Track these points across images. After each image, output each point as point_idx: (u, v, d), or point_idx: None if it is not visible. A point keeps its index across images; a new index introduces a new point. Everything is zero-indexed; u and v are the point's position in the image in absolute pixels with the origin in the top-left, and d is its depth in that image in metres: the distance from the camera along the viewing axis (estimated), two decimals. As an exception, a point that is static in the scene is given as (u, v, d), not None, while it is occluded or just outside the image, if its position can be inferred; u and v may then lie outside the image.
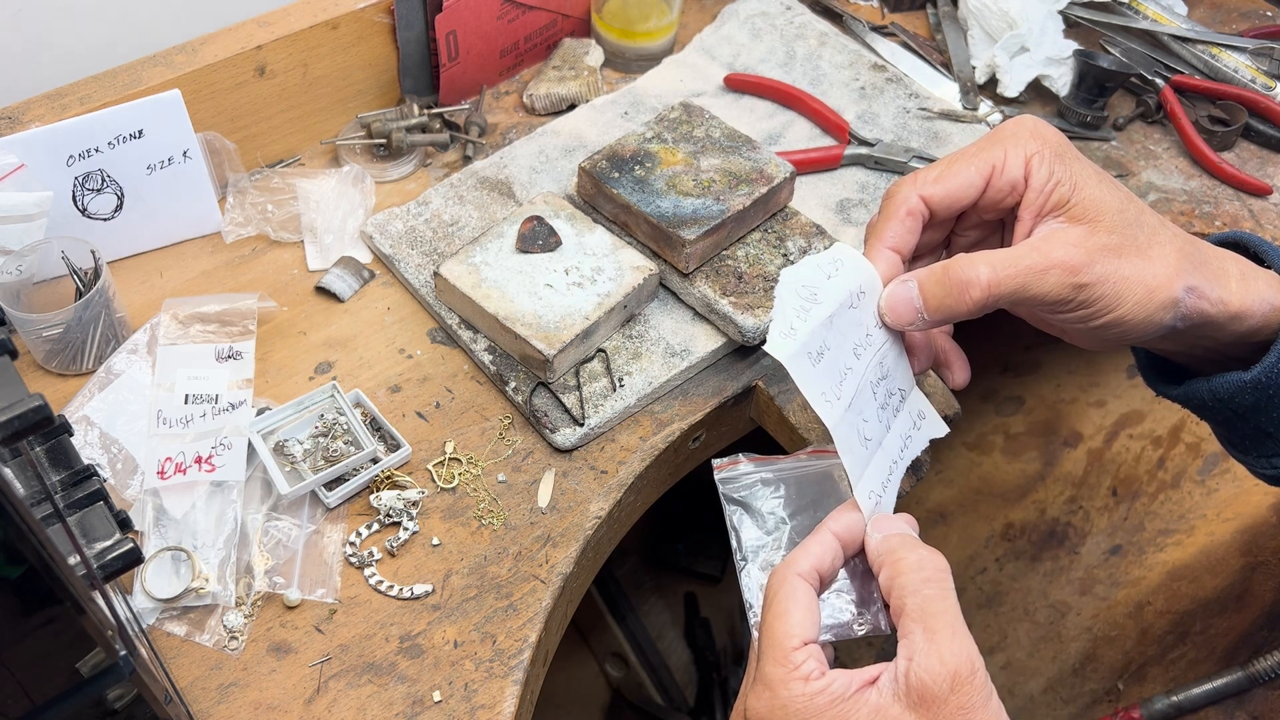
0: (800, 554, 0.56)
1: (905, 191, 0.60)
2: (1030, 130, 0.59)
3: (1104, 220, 0.57)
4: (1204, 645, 1.07)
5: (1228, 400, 0.62)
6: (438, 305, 0.86)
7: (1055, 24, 1.05)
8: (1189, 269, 0.58)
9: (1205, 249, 0.60)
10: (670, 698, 1.36)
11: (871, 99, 1.03)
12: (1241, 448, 0.67)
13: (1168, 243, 0.58)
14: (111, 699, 0.52)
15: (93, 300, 0.79)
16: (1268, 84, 1.05)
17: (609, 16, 1.06)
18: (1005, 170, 0.59)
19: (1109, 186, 0.58)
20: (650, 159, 0.88)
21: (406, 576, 0.74)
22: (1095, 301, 0.57)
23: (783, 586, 0.55)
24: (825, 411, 0.56)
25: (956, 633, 0.51)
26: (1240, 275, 0.60)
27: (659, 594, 1.43)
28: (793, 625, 0.53)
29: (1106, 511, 1.24)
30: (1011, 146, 0.59)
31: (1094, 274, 0.56)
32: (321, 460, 0.77)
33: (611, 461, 0.80)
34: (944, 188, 0.59)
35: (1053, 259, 0.56)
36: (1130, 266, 0.56)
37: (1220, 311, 0.59)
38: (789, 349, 0.55)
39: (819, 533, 0.57)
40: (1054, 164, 0.58)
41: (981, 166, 0.59)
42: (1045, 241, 0.57)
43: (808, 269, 0.58)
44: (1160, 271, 0.57)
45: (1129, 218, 0.57)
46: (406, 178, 0.97)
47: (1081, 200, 0.57)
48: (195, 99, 0.88)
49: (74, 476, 0.50)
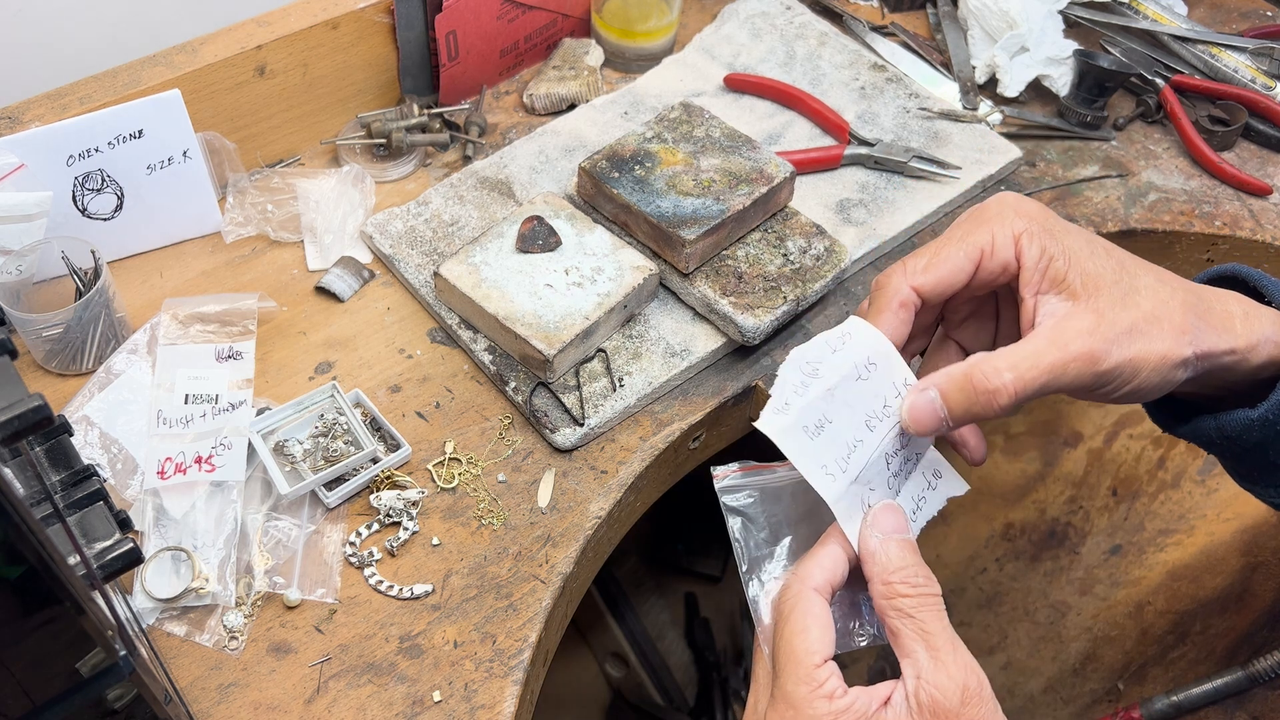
0: (813, 567, 0.55)
1: (896, 283, 0.59)
2: (1014, 208, 0.59)
3: (1103, 292, 0.57)
4: (1204, 645, 1.07)
5: (1235, 438, 0.62)
6: (438, 305, 0.86)
7: (1055, 24, 1.05)
8: (1195, 323, 0.58)
9: (1206, 296, 0.60)
10: (670, 698, 1.36)
11: (871, 99, 1.03)
12: (1250, 478, 0.67)
13: (1169, 299, 0.58)
14: (111, 699, 0.52)
15: (93, 300, 0.79)
16: (1268, 84, 1.05)
17: (609, 16, 1.06)
18: (995, 253, 0.58)
19: (1101, 254, 0.58)
20: (650, 159, 0.88)
21: (406, 576, 0.74)
22: (1114, 379, 0.57)
23: (800, 602, 0.54)
24: (825, 486, 0.56)
25: (957, 648, 0.52)
26: (1244, 315, 0.60)
27: (659, 594, 1.44)
28: (813, 642, 0.53)
29: (1106, 511, 1.24)
30: (998, 227, 0.58)
31: (1113, 360, 0.56)
32: (321, 460, 0.77)
33: (611, 461, 0.80)
34: (934, 276, 0.59)
35: (1072, 352, 0.55)
36: (1144, 342, 0.56)
37: (1229, 358, 0.59)
38: (778, 425, 0.55)
39: (828, 544, 0.57)
40: (1044, 240, 0.58)
41: (970, 251, 0.59)
42: (1060, 333, 0.56)
43: (814, 346, 0.58)
44: (1169, 335, 0.57)
45: (1125, 284, 0.57)
46: (406, 178, 0.97)
47: (1079, 275, 0.57)
48: (195, 99, 0.88)
49: (74, 476, 0.50)
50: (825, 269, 0.85)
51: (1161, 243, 0.98)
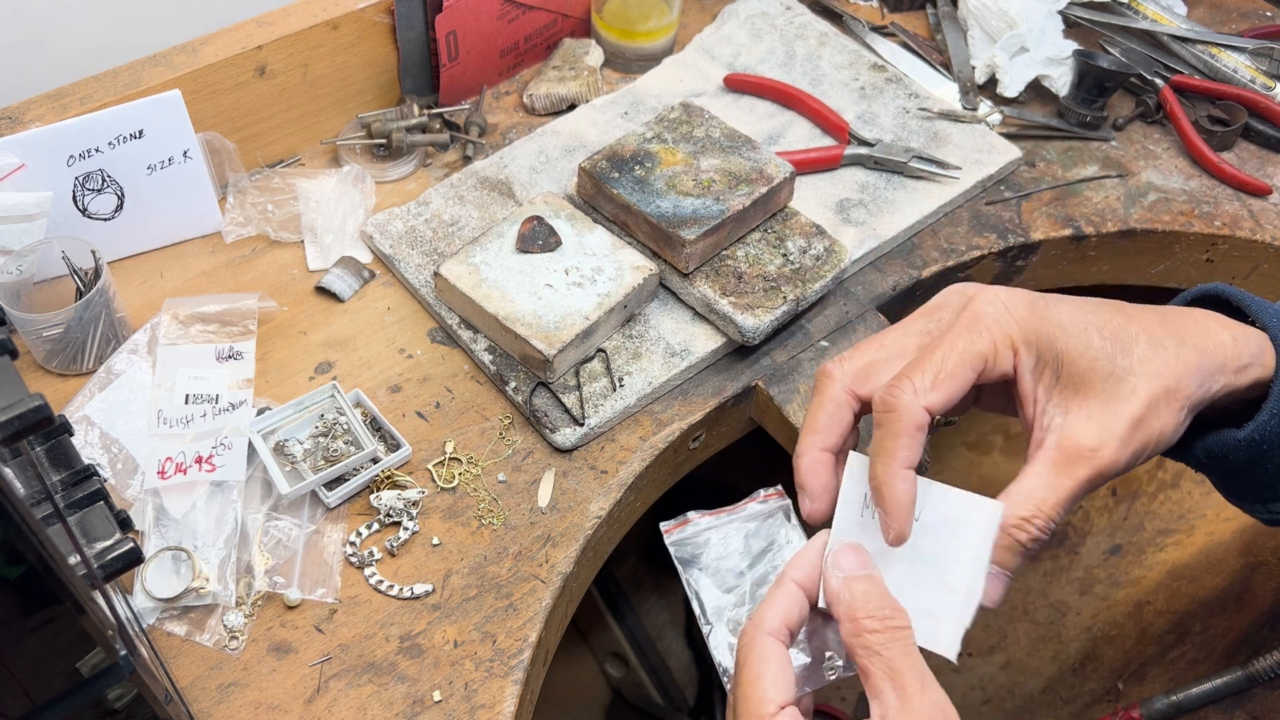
0: (767, 610, 0.54)
1: (909, 403, 0.56)
2: (1005, 307, 0.58)
3: (1099, 387, 0.56)
4: (1204, 645, 1.07)
5: (1223, 458, 0.62)
6: (438, 305, 0.86)
7: (1055, 24, 1.05)
8: (1193, 381, 0.58)
9: (1197, 340, 0.60)
10: (670, 698, 1.36)
11: (871, 99, 1.04)
12: (1240, 495, 0.67)
13: (1163, 368, 0.58)
14: (111, 699, 0.52)
15: (93, 300, 0.79)
16: (1267, 84, 1.05)
17: (609, 16, 1.06)
18: (996, 364, 0.57)
19: (1093, 334, 0.58)
20: (650, 159, 0.88)
21: (406, 576, 0.74)
22: (1130, 468, 0.57)
23: (754, 648, 0.53)
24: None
25: (926, 686, 0.51)
26: (1233, 341, 0.60)
27: (659, 594, 1.43)
28: (766, 689, 0.52)
29: (1106, 511, 1.24)
30: (998, 334, 0.57)
31: (1120, 465, 0.56)
32: (321, 460, 0.77)
33: (611, 461, 0.80)
34: (944, 395, 0.57)
35: (1082, 478, 0.56)
36: (1145, 431, 0.56)
37: (1221, 388, 0.59)
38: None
39: (782, 584, 0.56)
40: (1039, 346, 0.57)
41: (974, 363, 0.57)
42: (1067, 459, 0.56)
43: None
44: (1170, 412, 0.57)
45: (1120, 369, 0.57)
46: (406, 178, 0.97)
47: (1072, 376, 0.57)
48: (195, 99, 0.88)
49: (74, 476, 0.51)
50: (825, 269, 0.85)
51: (1161, 243, 0.98)
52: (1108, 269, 1.00)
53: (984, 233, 0.95)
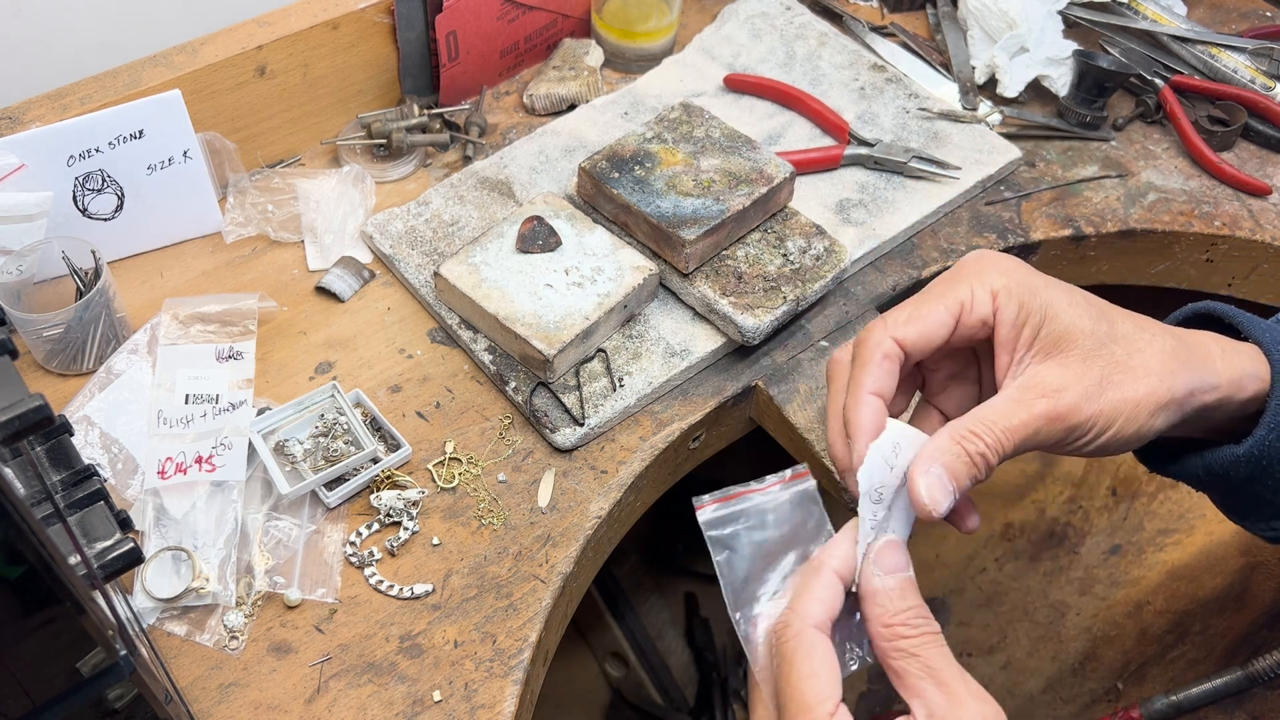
0: (811, 603, 0.54)
1: (878, 336, 0.59)
2: (993, 264, 0.59)
3: (1078, 346, 0.57)
4: (1203, 645, 1.07)
5: (1222, 474, 0.62)
6: (438, 305, 0.86)
7: (1055, 24, 1.05)
8: (1175, 367, 0.58)
9: (1185, 339, 0.60)
10: (670, 698, 1.36)
11: (871, 99, 1.04)
12: (1242, 514, 0.67)
13: (1146, 346, 0.58)
14: (111, 699, 0.52)
15: (93, 300, 0.79)
16: (1267, 84, 1.05)
17: (609, 17, 1.06)
18: (974, 307, 0.58)
19: (1080, 307, 0.58)
20: (650, 159, 0.88)
21: (406, 576, 0.74)
22: (1087, 433, 0.57)
23: (802, 643, 0.53)
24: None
25: (968, 682, 0.51)
26: (1222, 353, 0.60)
27: (659, 594, 1.43)
28: (823, 687, 0.51)
29: (1106, 511, 1.24)
30: (976, 283, 0.59)
31: (1082, 415, 0.56)
32: (322, 460, 0.77)
33: (611, 461, 0.80)
34: (916, 329, 0.59)
35: (1036, 412, 0.56)
36: (1116, 392, 0.57)
37: (1212, 396, 0.59)
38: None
39: (822, 574, 0.55)
40: (1022, 295, 0.58)
41: (950, 305, 0.59)
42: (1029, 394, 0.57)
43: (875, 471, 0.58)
44: (1144, 384, 0.57)
45: (1102, 334, 0.58)
46: (406, 178, 0.97)
47: (1054, 331, 0.57)
48: (195, 99, 0.88)
49: (74, 476, 0.51)
50: (825, 269, 0.85)
51: (1161, 243, 0.98)
52: (1108, 269, 1.00)
53: (984, 233, 0.95)
